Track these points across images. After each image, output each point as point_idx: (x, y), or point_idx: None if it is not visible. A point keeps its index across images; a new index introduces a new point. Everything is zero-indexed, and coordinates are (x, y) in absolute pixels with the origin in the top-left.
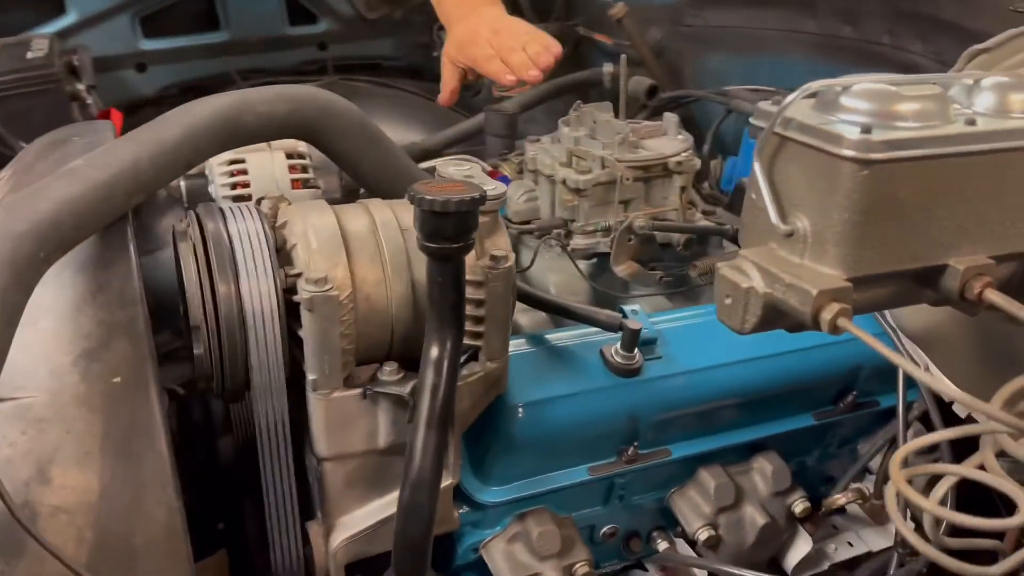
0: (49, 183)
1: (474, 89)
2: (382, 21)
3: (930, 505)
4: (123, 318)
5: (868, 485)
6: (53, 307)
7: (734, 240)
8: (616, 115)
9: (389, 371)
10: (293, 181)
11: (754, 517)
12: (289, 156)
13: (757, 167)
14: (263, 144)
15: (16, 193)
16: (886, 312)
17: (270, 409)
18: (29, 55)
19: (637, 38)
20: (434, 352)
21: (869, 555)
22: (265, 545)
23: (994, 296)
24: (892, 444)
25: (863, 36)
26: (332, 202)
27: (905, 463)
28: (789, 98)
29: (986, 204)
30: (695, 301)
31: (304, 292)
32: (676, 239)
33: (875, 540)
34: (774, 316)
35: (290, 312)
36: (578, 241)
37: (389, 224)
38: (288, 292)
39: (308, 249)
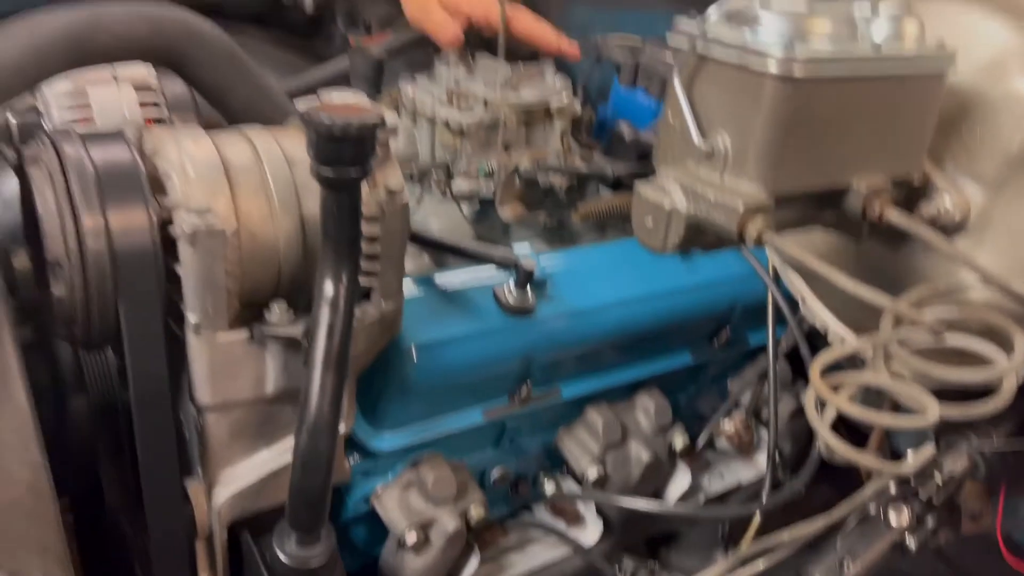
0: None
1: (327, 38)
2: None
3: (854, 408)
4: None
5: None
6: None
7: (614, 186)
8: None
9: (279, 311)
10: (145, 119)
11: (639, 453)
12: (138, 89)
13: (677, 86)
14: (107, 76)
15: None
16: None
17: (146, 354)
18: None
19: None
20: (329, 289)
21: (739, 487)
22: (133, 511)
23: (894, 214)
24: (762, 379)
25: None
26: None
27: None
28: (711, 14)
29: (885, 126)
30: (574, 245)
31: (185, 224)
32: (558, 183)
33: (744, 473)
34: (695, 235)
35: (164, 249)
36: (460, 184)
37: (273, 154)
38: (162, 226)
39: (185, 179)
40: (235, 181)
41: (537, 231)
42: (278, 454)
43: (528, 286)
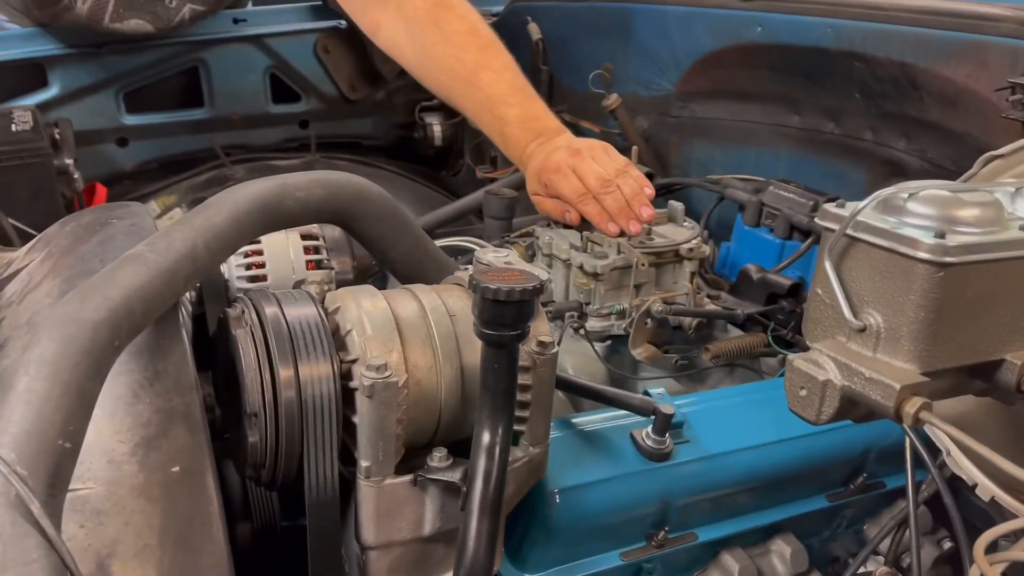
0: (116, 270)
1: (454, 169)
2: (363, 101)
3: None
4: (180, 405)
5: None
6: (110, 394)
7: (742, 325)
8: None
9: (439, 457)
10: (307, 262)
11: None
12: (304, 237)
13: (827, 266)
14: None
15: (60, 276)
16: None
17: (323, 497)
18: (14, 128)
19: (628, 127)
20: (486, 438)
21: None
22: None
23: None
24: (901, 525)
25: (846, 132)
26: (344, 283)
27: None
28: (862, 204)
29: None
30: (702, 383)
31: (364, 379)
32: (687, 323)
33: None
34: (848, 407)
35: (343, 398)
36: (593, 323)
37: (437, 309)
38: (342, 378)
39: (364, 335)
40: (405, 335)
41: (667, 368)
42: None
43: (667, 431)
